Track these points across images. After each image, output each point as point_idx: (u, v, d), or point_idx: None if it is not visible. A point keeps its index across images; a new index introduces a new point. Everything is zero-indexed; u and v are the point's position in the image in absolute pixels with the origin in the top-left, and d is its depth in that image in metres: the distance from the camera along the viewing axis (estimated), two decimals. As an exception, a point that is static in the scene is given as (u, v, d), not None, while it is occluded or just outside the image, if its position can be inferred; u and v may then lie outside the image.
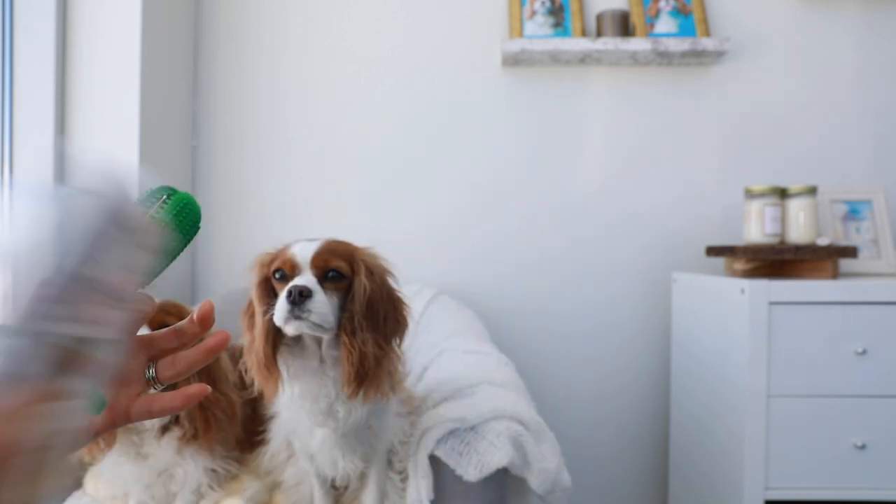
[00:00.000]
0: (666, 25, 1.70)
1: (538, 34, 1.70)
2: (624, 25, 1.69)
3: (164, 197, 0.46)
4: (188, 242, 0.48)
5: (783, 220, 1.48)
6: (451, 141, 1.78)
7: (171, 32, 1.63)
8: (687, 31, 1.70)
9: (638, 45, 1.65)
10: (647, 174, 1.78)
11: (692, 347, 1.56)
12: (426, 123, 1.79)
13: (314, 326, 0.76)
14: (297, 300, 0.75)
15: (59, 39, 1.42)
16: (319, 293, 0.77)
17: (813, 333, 1.28)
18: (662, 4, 1.71)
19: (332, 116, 1.79)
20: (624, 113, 1.78)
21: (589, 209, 1.78)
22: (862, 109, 1.76)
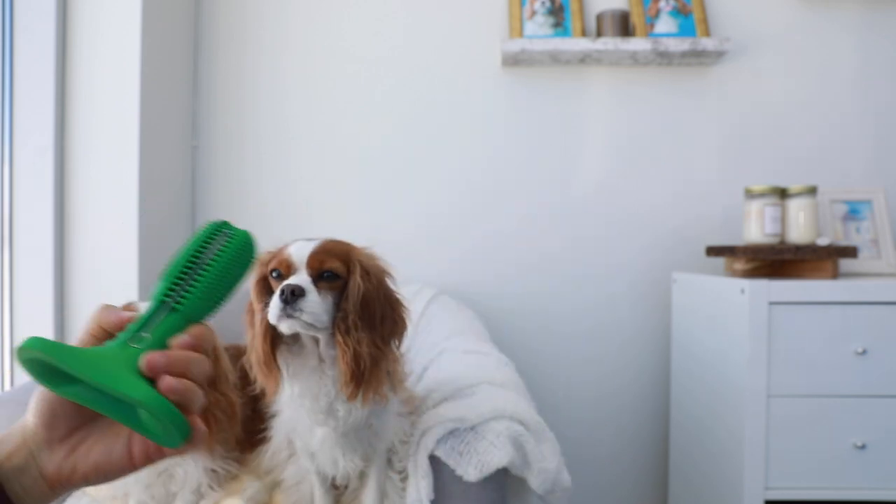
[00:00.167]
0: (666, 25, 1.70)
1: (538, 34, 1.70)
2: (624, 25, 1.69)
3: (225, 233, 0.49)
4: (245, 275, 0.50)
5: (783, 220, 1.48)
6: (451, 141, 1.78)
7: (171, 32, 1.63)
8: (687, 31, 1.70)
9: (638, 45, 1.65)
10: (646, 174, 1.78)
11: (692, 347, 1.56)
12: (426, 123, 1.79)
13: (306, 325, 0.76)
14: (289, 299, 0.75)
15: (59, 39, 1.42)
16: (313, 292, 0.77)
17: (813, 333, 1.28)
18: (662, 4, 1.71)
19: (332, 116, 1.79)
20: (624, 113, 1.78)
21: (589, 209, 1.78)
22: (862, 109, 1.76)
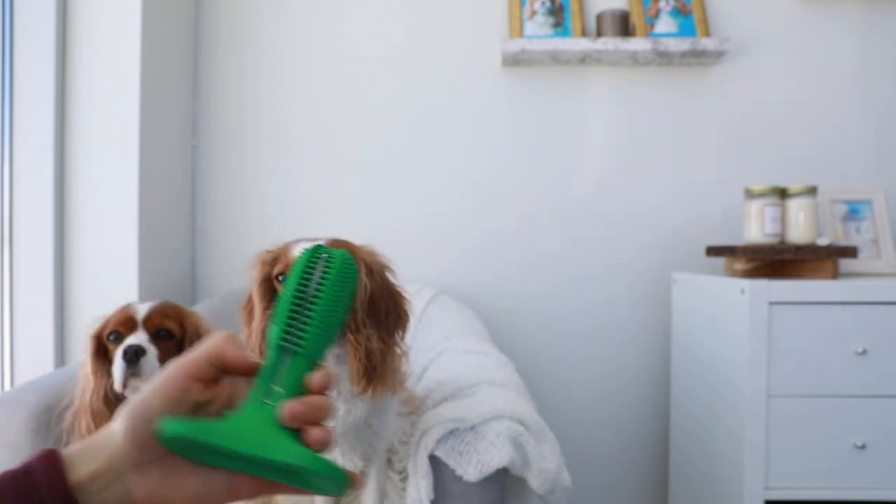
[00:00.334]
0: (666, 25, 1.70)
1: (538, 34, 1.70)
2: (624, 25, 1.69)
3: (323, 258, 0.46)
4: (353, 297, 0.48)
5: (783, 220, 1.48)
6: (451, 141, 1.78)
7: (171, 32, 1.63)
8: (687, 31, 1.70)
9: (638, 45, 1.65)
10: (646, 174, 1.78)
11: (692, 347, 1.56)
12: (426, 123, 1.78)
13: None
14: None
15: (59, 39, 1.42)
16: None
17: (813, 333, 1.28)
18: (662, 4, 1.71)
19: (332, 116, 1.79)
20: (624, 113, 1.78)
21: (589, 209, 1.78)
22: (862, 109, 1.76)
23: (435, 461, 0.86)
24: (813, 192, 1.47)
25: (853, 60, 1.76)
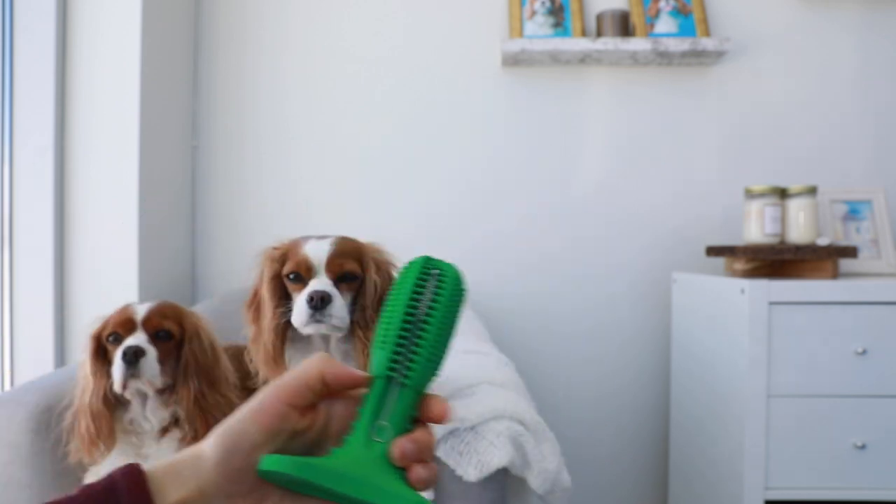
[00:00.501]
0: (666, 25, 1.70)
1: (538, 34, 1.70)
2: (624, 25, 1.69)
3: (434, 274, 0.41)
4: (459, 319, 0.43)
5: (783, 220, 1.48)
6: (451, 141, 1.78)
7: (171, 32, 1.63)
8: (687, 31, 1.70)
9: (638, 45, 1.65)
10: (646, 174, 1.78)
11: (692, 347, 1.56)
12: (426, 123, 1.78)
13: (333, 328, 0.79)
14: (318, 306, 0.77)
15: (59, 39, 1.42)
16: (338, 297, 0.79)
17: (813, 333, 1.28)
18: (662, 4, 1.71)
19: (332, 116, 1.79)
20: (624, 113, 1.78)
21: (589, 209, 1.78)
22: (862, 109, 1.76)
23: (435, 461, 0.86)
24: (813, 192, 1.47)
25: (853, 60, 1.76)
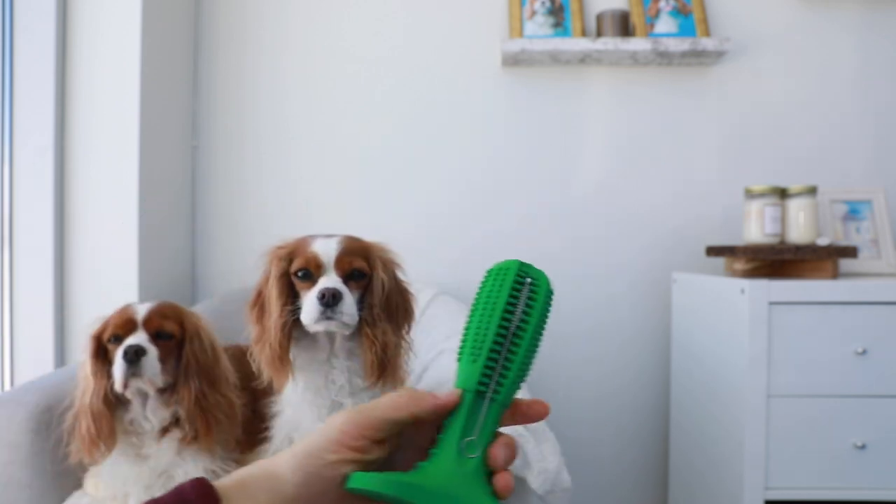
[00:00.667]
0: (666, 25, 1.70)
1: (538, 34, 1.70)
2: (624, 25, 1.69)
3: (526, 283, 0.39)
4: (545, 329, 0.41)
5: (783, 220, 1.48)
6: (451, 141, 1.78)
7: (171, 32, 1.63)
8: (687, 31, 1.70)
9: (638, 45, 1.65)
10: (646, 174, 1.78)
11: (692, 347, 1.56)
12: (426, 123, 1.78)
13: (343, 325, 0.79)
14: (330, 302, 0.77)
15: (59, 39, 1.42)
16: (348, 294, 0.79)
17: (813, 333, 1.28)
18: (662, 4, 1.71)
19: (332, 116, 1.79)
20: (624, 113, 1.78)
21: (589, 209, 1.78)
22: (862, 109, 1.76)
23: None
24: (813, 192, 1.47)
25: (853, 60, 1.76)
